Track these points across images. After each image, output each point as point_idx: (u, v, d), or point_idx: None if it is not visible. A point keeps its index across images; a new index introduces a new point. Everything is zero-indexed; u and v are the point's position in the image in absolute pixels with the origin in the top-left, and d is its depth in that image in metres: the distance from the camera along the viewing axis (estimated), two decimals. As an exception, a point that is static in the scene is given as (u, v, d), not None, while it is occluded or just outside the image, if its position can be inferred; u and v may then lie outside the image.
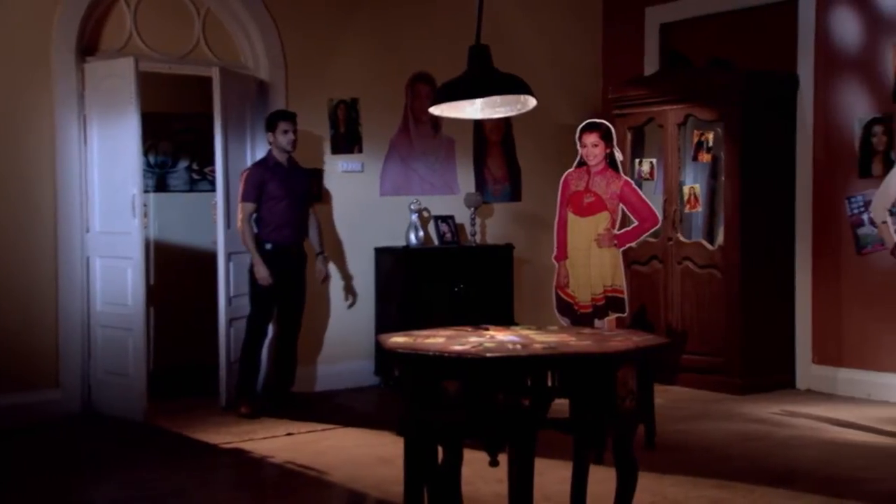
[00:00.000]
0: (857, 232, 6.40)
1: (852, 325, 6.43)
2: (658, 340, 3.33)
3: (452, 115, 3.96)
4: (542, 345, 3.20)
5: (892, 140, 6.22)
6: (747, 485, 4.35)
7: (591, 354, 3.08)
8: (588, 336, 3.42)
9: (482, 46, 3.72)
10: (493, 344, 3.27)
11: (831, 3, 6.51)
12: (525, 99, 3.75)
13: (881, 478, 4.47)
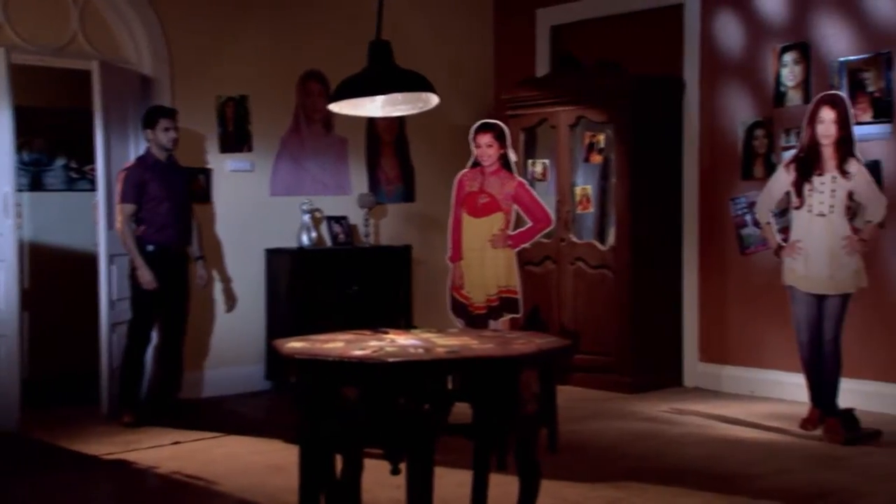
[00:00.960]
0: (741, 233, 6.51)
1: (737, 324, 6.54)
2: (560, 342, 3.28)
3: (352, 112, 3.84)
4: (444, 348, 3.11)
5: (772, 143, 6.35)
6: (642, 484, 4.36)
7: (494, 358, 3.00)
8: (490, 339, 3.34)
9: (383, 42, 3.62)
10: (395, 348, 3.16)
11: (716, 9, 6.61)
12: (427, 97, 3.66)
13: (770, 473, 4.53)
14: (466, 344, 3.21)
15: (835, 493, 4.20)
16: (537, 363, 3.09)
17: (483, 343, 3.22)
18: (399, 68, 3.62)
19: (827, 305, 5.10)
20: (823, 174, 5.09)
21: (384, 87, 3.59)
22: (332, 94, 3.65)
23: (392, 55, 3.62)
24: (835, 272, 5.05)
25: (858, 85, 5.89)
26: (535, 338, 3.35)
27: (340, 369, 2.97)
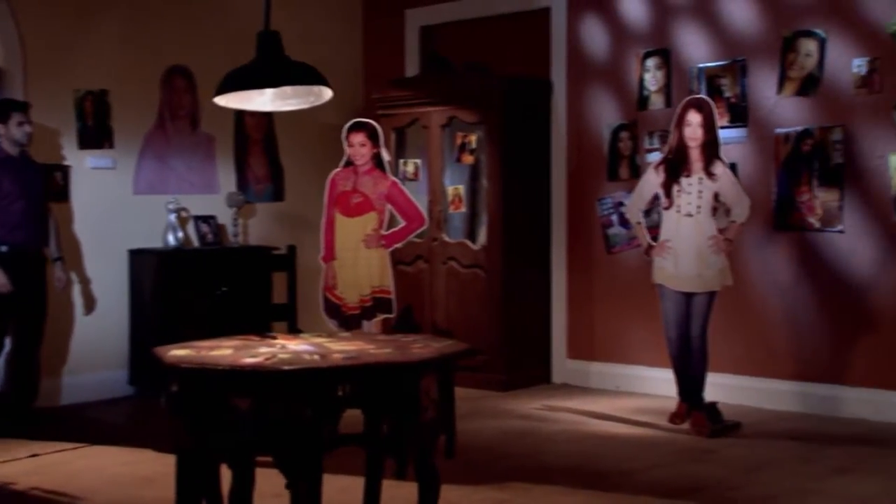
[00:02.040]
0: (607, 232, 6.58)
1: (603, 321, 6.61)
2: (461, 346, 3.17)
3: (240, 105, 3.65)
4: (341, 354, 2.97)
5: (637, 145, 6.43)
6: (524, 483, 4.32)
7: (396, 364, 2.88)
8: (386, 343, 3.22)
9: (272, 33, 3.42)
10: (288, 355, 3.00)
11: (581, 14, 6.67)
12: (319, 90, 3.50)
13: (645, 468, 4.56)
14: (363, 349, 3.08)
15: (709, 486, 4.25)
16: (437, 368, 2.98)
17: (380, 348, 3.09)
18: (290, 60, 3.44)
19: (694, 303, 5.18)
20: (691, 175, 5.17)
21: (274, 79, 3.40)
22: (218, 87, 3.44)
23: (282, 46, 3.43)
24: (702, 271, 5.14)
25: (716, 90, 6.03)
26: (431, 341, 3.24)
27: (233, 379, 2.78)
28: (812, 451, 4.84)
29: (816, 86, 5.78)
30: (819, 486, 4.23)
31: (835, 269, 5.75)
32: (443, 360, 2.97)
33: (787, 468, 4.54)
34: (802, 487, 4.21)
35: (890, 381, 5.56)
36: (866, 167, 5.63)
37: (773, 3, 5.92)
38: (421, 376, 2.90)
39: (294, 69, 3.40)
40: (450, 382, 3.05)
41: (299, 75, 3.42)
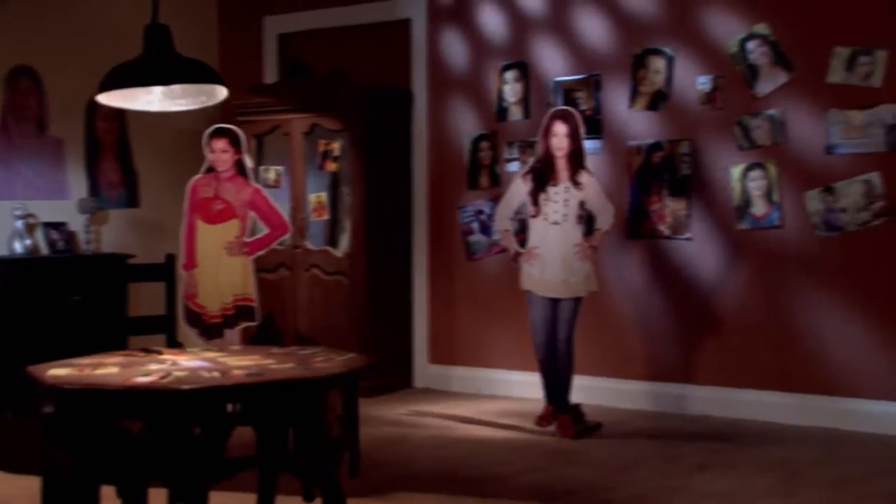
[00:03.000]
0: (468, 239, 6.55)
1: (464, 326, 6.58)
2: (366, 360, 3.02)
3: (124, 105, 3.38)
4: (242, 371, 2.77)
5: (496, 155, 6.43)
6: (406, 493, 4.21)
7: (302, 380, 2.70)
8: (285, 357, 3.04)
9: (161, 26, 3.15)
10: (184, 372, 2.78)
11: (441, 27, 6.62)
12: (212, 90, 3.25)
13: (519, 472, 4.54)
14: (262, 364, 2.90)
15: (582, 488, 4.26)
16: (342, 383, 2.82)
17: (281, 363, 2.92)
18: (181, 56, 3.17)
19: (561, 308, 5.20)
20: (557, 184, 5.18)
21: (163, 76, 3.13)
22: (100, 84, 3.15)
23: (172, 41, 3.16)
24: (568, 277, 5.16)
25: (572, 103, 6.08)
26: (333, 355, 3.07)
27: (124, 400, 2.54)
28: (670, 449, 4.93)
29: (665, 101, 5.93)
30: (684, 483, 4.30)
31: (683, 274, 5.90)
32: (350, 374, 2.82)
33: (652, 467, 4.60)
34: (669, 486, 4.27)
35: (733, 380, 5.75)
36: (711, 178, 5.80)
37: (624, 22, 6.04)
38: (327, 392, 2.74)
39: (185, 66, 3.15)
40: (354, 397, 2.91)
41: (191, 73, 3.16)
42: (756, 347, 5.67)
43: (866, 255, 5.39)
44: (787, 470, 4.52)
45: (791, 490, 4.20)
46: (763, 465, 4.60)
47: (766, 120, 5.64)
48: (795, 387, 5.58)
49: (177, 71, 3.14)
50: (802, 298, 5.55)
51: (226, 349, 3.24)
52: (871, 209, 5.38)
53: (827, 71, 5.45)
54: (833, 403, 5.46)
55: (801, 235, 5.56)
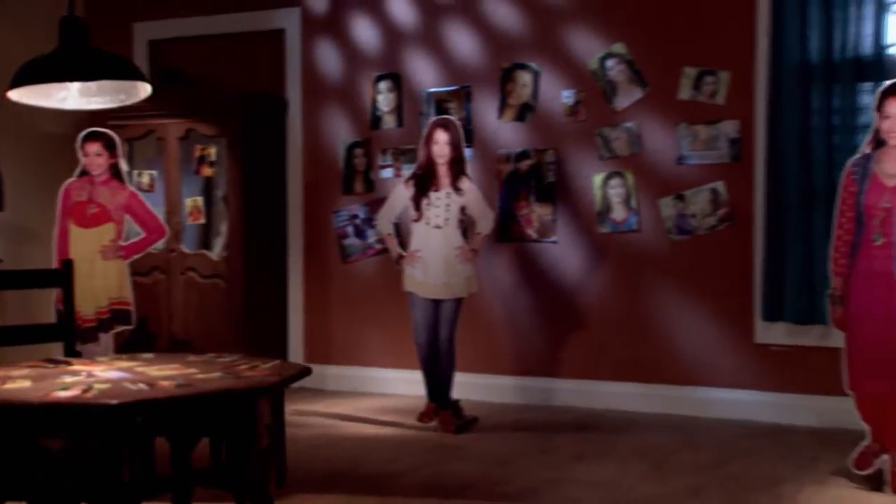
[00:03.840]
0: (343, 243, 6.40)
1: (340, 327, 6.43)
2: (299, 368, 2.84)
3: (37, 102, 3.06)
4: (168, 381, 2.54)
5: (371, 161, 6.31)
6: (302, 495, 4.01)
7: (239, 390, 2.50)
8: (208, 365, 2.82)
9: (77, 18, 2.84)
10: (105, 384, 2.52)
11: (315, 37, 6.46)
12: (133, 87, 2.96)
13: (410, 468, 4.44)
14: (186, 374, 2.67)
15: (476, 482, 4.20)
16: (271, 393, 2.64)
17: (205, 371, 2.70)
18: (100, 51, 2.87)
19: (442, 309, 5.13)
20: (439, 190, 5.11)
21: (80, 72, 2.83)
22: (13, 79, 2.83)
23: (88, 34, 2.85)
24: (450, 279, 5.10)
25: (444, 113, 6.04)
26: (257, 362, 2.87)
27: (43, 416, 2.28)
28: (546, 440, 4.94)
29: (532, 113, 5.95)
30: (567, 473, 4.31)
31: (549, 275, 5.94)
32: (283, 383, 2.64)
33: (533, 459, 4.60)
34: (554, 476, 4.27)
35: (595, 373, 5.84)
36: (575, 185, 5.87)
37: (493, 38, 6.04)
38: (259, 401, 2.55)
39: (103, 61, 2.84)
40: (281, 406, 2.73)
41: (109, 68, 2.86)
42: (616, 342, 5.78)
43: (713, 256, 5.58)
44: (655, 457, 4.60)
45: (663, 476, 4.27)
46: (633, 453, 4.67)
47: (623, 132, 5.75)
48: (651, 378, 5.71)
49: (94, 66, 2.83)
50: (657, 296, 5.69)
51: (138, 358, 2.99)
52: (717, 214, 5.57)
53: (677, 89, 5.61)
54: (686, 392, 5.62)
55: (656, 238, 5.70)
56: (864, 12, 5.16)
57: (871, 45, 5.15)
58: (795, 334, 5.39)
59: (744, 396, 5.50)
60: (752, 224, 5.48)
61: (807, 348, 5.36)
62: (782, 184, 5.35)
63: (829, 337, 5.27)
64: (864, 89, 5.18)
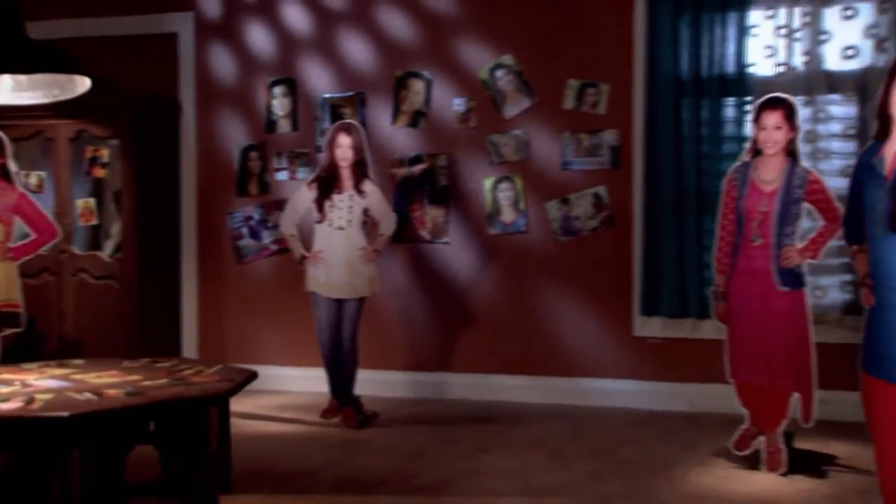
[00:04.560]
0: (238, 244, 6.21)
1: (235, 326, 6.24)
2: (247, 374, 2.69)
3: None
4: (116, 390, 2.36)
5: (266, 164, 6.14)
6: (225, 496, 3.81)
7: (194, 398, 2.35)
8: (150, 371, 2.64)
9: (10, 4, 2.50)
10: (48, 395, 2.32)
11: (209, 41, 6.26)
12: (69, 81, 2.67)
13: (323, 465, 4.34)
14: (130, 381, 2.49)
15: (388, 476, 4.14)
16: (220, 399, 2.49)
17: (150, 378, 2.52)
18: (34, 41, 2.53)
19: (345, 308, 5.04)
20: (342, 192, 5.02)
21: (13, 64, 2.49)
22: None
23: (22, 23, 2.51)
24: (352, 279, 5.01)
25: (339, 118, 5.95)
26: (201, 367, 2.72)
27: None
28: (447, 433, 4.93)
29: (425, 119, 5.93)
30: (474, 465, 4.30)
31: (442, 274, 5.94)
32: (236, 389, 2.50)
33: (440, 451, 4.57)
34: (464, 468, 4.25)
35: (486, 366, 5.88)
36: (466, 189, 5.88)
37: (386, 46, 5.98)
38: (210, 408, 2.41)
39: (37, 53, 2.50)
40: (227, 412, 2.59)
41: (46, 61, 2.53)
42: (505, 337, 5.83)
43: (596, 256, 5.71)
44: (552, 446, 4.66)
45: (564, 463, 4.33)
46: (532, 443, 4.71)
47: (512, 139, 5.80)
48: (539, 370, 5.79)
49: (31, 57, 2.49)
50: (544, 293, 5.77)
51: (69, 364, 2.76)
52: (599, 217, 5.70)
53: (562, 99, 5.71)
54: (571, 383, 5.73)
55: (543, 239, 5.78)
56: (728, 34, 5.39)
57: (734, 63, 5.37)
58: (670, 327, 5.57)
59: (624, 386, 5.65)
60: (631, 226, 5.64)
61: (680, 340, 5.56)
62: (658, 188, 5.52)
63: (699, 329, 5.50)
64: (728, 103, 5.42)
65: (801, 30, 5.26)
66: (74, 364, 2.78)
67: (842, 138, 5.27)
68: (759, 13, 5.33)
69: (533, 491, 3.89)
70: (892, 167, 2.78)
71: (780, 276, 4.03)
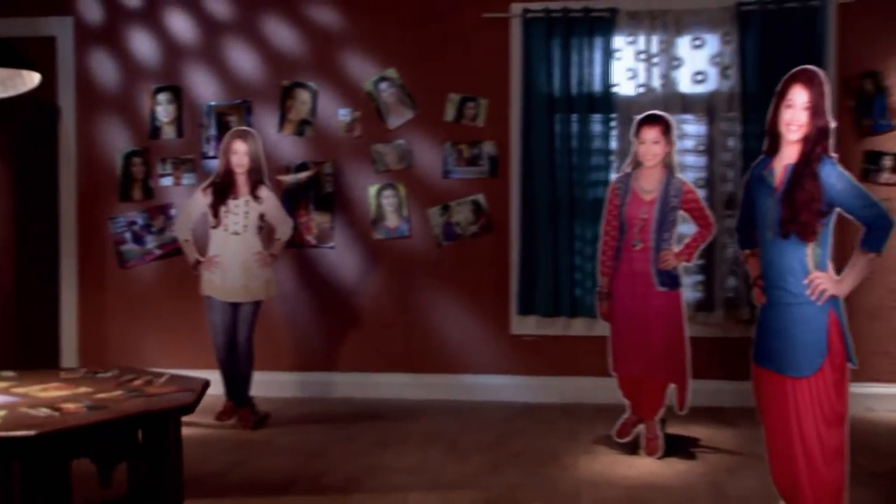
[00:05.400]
0: (120, 249, 5.89)
1: (116, 331, 5.92)
2: (204, 383, 2.51)
3: None
4: (76, 405, 2.15)
5: (150, 170, 5.85)
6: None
7: (161, 411, 2.17)
8: (102, 383, 2.41)
9: None
10: (2, 411, 2.09)
11: (90, 47, 5.91)
12: (16, 76, 2.40)
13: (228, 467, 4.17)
14: (83, 394, 2.28)
15: (298, 476, 4.01)
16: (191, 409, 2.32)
17: (105, 391, 2.32)
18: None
19: (241, 312, 4.87)
20: (238, 198, 4.84)
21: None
22: None
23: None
24: (248, 282, 4.84)
25: (225, 126, 5.74)
26: (149, 376, 2.52)
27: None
28: (342, 431, 4.85)
29: (311, 128, 5.82)
30: (378, 461, 4.24)
31: (327, 277, 5.84)
32: (198, 399, 2.34)
33: (341, 449, 4.47)
34: (368, 464, 4.18)
35: (370, 365, 5.83)
36: (352, 196, 5.81)
37: (273, 57, 5.84)
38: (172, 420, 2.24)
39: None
40: (180, 422, 2.41)
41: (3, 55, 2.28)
42: (389, 336, 5.79)
43: (475, 259, 5.76)
44: (446, 440, 4.66)
45: (462, 457, 4.33)
46: (426, 439, 4.69)
47: (395, 148, 5.78)
48: (422, 368, 5.79)
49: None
50: (426, 295, 5.78)
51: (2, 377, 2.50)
52: (478, 223, 5.77)
53: (443, 112, 5.74)
54: (452, 380, 5.75)
55: (426, 244, 5.78)
56: (595, 57, 5.57)
57: (601, 83, 5.56)
58: (543, 326, 5.70)
59: (502, 381, 5.73)
60: (508, 231, 5.73)
61: (553, 337, 5.70)
62: (533, 196, 5.64)
63: (570, 327, 5.66)
64: (596, 120, 5.60)
65: (658, 55, 5.51)
66: (6, 376, 2.53)
67: (694, 153, 5.56)
68: (621, 39, 5.54)
69: (440, 485, 3.87)
70: (782, 179, 2.95)
71: (658, 277, 4.20)
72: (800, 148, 2.90)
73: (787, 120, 2.91)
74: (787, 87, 2.94)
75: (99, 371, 2.63)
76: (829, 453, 2.83)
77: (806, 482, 2.87)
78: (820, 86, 2.90)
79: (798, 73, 2.94)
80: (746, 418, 4.91)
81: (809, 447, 2.85)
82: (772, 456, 3.06)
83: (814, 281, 2.85)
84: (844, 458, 2.86)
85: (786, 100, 2.92)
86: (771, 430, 3.04)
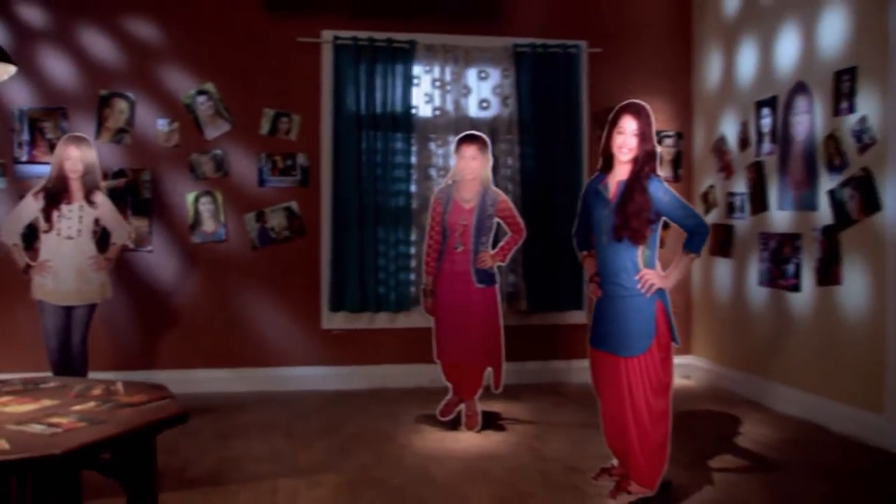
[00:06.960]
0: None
1: None
2: (163, 390, 2.17)
3: None
4: (70, 419, 1.80)
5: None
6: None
7: (159, 421, 1.86)
8: (63, 393, 2.02)
9: None
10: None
11: None
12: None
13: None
14: (60, 407, 1.91)
15: (160, 474, 3.61)
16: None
17: (76, 402, 1.95)
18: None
19: (75, 315, 4.36)
20: (72, 203, 4.32)
21: None
22: None
23: None
24: (82, 286, 4.35)
25: (39, 131, 5.13)
26: (101, 385, 2.15)
27: None
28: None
29: (128, 136, 5.35)
30: (230, 452, 3.97)
31: (146, 280, 5.41)
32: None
33: (189, 443, 4.13)
34: (223, 456, 3.92)
35: (189, 362, 5.52)
36: (170, 202, 5.43)
37: (90, 66, 5.33)
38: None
39: None
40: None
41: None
42: (207, 335, 5.48)
43: (289, 261, 5.63)
44: (283, 429, 4.49)
45: (306, 443, 4.20)
46: (264, 428, 4.48)
47: (212, 158, 5.49)
48: (239, 363, 5.55)
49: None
50: (243, 295, 5.55)
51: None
52: (291, 228, 5.63)
53: (259, 125, 5.53)
54: (268, 372, 5.57)
55: (242, 247, 5.55)
56: (397, 82, 5.67)
57: (402, 105, 5.67)
58: (352, 320, 5.69)
59: (315, 371, 5.63)
60: (319, 235, 5.64)
61: (360, 330, 5.71)
62: (342, 204, 5.61)
63: (375, 321, 5.71)
64: (398, 138, 5.69)
65: (451, 84, 5.73)
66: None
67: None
68: (420, 67, 5.69)
69: (300, 471, 3.73)
70: (615, 193, 3.22)
71: (476, 276, 4.37)
72: (630, 167, 3.18)
73: (619, 144, 3.17)
74: (619, 117, 3.20)
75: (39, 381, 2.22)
76: (656, 417, 3.13)
77: (636, 442, 3.15)
78: (647, 116, 3.20)
79: (627, 106, 3.21)
80: (529, 393, 5.26)
81: (639, 413, 3.13)
82: (606, 424, 3.31)
83: (644, 277, 3.14)
84: (668, 419, 3.18)
85: (617, 127, 3.18)
86: (606, 401, 3.29)
